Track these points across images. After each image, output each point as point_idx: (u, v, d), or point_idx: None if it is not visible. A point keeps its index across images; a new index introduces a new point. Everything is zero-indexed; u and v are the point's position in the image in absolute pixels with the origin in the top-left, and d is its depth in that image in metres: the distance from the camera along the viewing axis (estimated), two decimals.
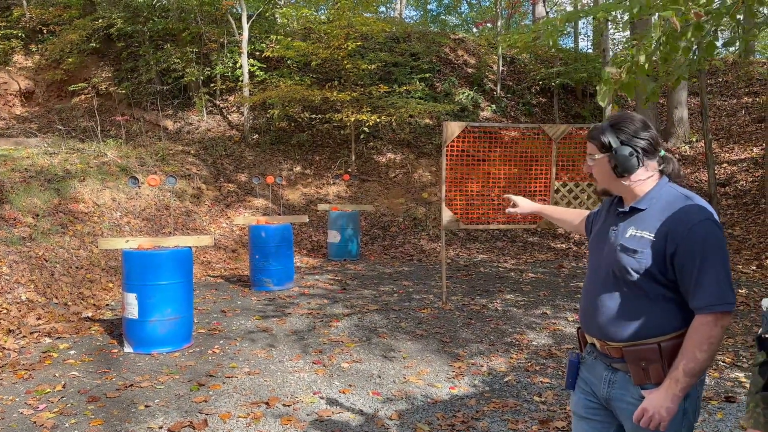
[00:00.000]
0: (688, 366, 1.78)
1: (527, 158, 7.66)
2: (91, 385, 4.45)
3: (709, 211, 1.83)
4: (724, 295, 1.77)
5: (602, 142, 1.96)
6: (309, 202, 12.57)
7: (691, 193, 1.91)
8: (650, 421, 1.82)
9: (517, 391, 4.38)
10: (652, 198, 1.92)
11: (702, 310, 1.78)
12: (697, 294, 1.79)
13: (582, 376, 2.08)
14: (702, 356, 1.77)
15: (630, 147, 1.92)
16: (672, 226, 1.82)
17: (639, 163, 1.93)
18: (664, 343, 1.84)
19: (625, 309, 1.89)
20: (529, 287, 8.05)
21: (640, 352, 1.86)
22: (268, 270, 7.81)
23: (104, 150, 11.36)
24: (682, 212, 1.82)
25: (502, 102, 16.33)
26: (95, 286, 7.35)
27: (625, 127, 1.94)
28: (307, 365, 4.92)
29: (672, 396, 1.80)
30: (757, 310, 6.47)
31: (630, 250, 1.87)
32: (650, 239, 1.84)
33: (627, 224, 1.94)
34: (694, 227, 1.79)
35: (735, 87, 16.31)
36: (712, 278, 1.76)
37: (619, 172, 1.95)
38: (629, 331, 1.88)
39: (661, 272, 1.84)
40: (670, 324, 1.85)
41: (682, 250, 1.79)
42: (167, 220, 9.94)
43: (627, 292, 1.90)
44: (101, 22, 14.14)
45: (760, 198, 11.07)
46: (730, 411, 3.96)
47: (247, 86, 13.85)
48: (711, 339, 1.76)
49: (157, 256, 5.25)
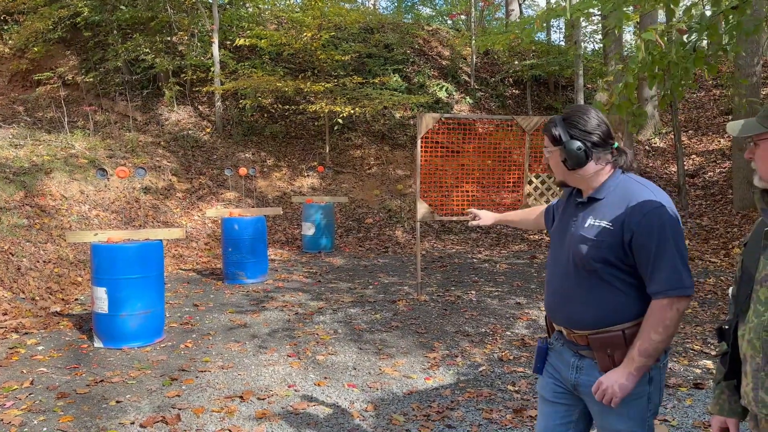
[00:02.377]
0: (642, 346, 1.81)
1: (501, 150, 7.69)
2: (60, 381, 4.35)
3: (664, 198, 1.87)
4: (679, 280, 1.80)
5: (554, 135, 1.98)
6: (283, 195, 12.47)
7: (646, 182, 1.94)
8: (604, 395, 1.86)
9: (491, 380, 4.40)
10: (609, 187, 1.94)
11: (657, 294, 1.82)
12: (653, 279, 1.82)
13: (550, 361, 2.11)
14: (656, 338, 1.80)
15: (579, 141, 1.94)
16: (628, 214, 1.84)
17: (588, 157, 1.95)
18: (628, 330, 1.87)
19: (588, 298, 1.92)
20: (503, 278, 8.11)
21: (605, 339, 1.89)
22: (241, 263, 7.73)
23: (71, 141, 11.12)
24: (637, 200, 1.85)
25: (476, 94, 16.38)
26: (63, 280, 7.20)
27: (576, 121, 1.95)
28: (282, 358, 4.88)
29: (627, 374, 1.83)
30: (725, 299, 6.61)
31: (589, 240, 1.90)
32: (608, 228, 1.87)
33: (586, 214, 1.97)
34: (649, 214, 1.82)
35: (703, 80, 16.59)
36: (667, 264, 1.80)
37: (569, 165, 1.97)
38: (594, 319, 1.91)
39: (621, 260, 1.87)
40: (632, 311, 1.88)
41: (638, 237, 1.82)
42: (137, 212, 9.77)
43: (589, 281, 1.92)
44: (67, 11, 13.78)
45: (728, 189, 11.30)
46: (699, 397, 4.04)
47: (218, 76, 13.65)
48: (665, 322, 1.79)
49: (127, 250, 5.15)
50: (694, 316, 6.06)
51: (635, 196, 1.86)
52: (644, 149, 14.12)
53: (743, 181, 10.19)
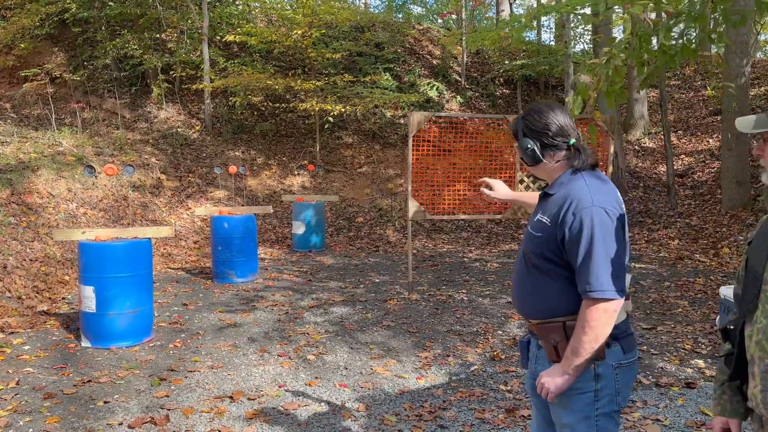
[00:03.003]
0: (573, 345, 1.84)
1: (492, 149, 7.68)
2: (46, 382, 4.29)
3: (602, 198, 1.85)
4: (599, 284, 1.79)
5: (515, 131, 2.04)
6: (273, 193, 12.41)
7: (593, 180, 1.92)
8: (542, 389, 1.91)
9: (483, 380, 4.38)
10: (561, 184, 1.96)
11: (583, 294, 1.83)
12: (579, 279, 1.84)
13: (530, 355, 2.15)
14: (584, 338, 1.81)
15: (530, 140, 1.98)
16: (563, 212, 1.86)
17: (538, 156, 1.98)
18: (569, 323, 1.89)
19: (534, 289, 1.97)
20: (494, 277, 8.10)
21: (548, 330, 1.93)
22: (231, 262, 7.67)
23: (59, 139, 11.00)
24: (572, 199, 1.86)
25: (466, 93, 16.38)
26: (50, 279, 7.11)
27: (530, 120, 1.99)
28: (273, 358, 4.84)
29: (561, 372, 1.86)
30: (714, 298, 6.64)
31: (533, 235, 1.95)
32: (547, 224, 1.91)
33: (539, 208, 2.01)
34: (579, 214, 1.82)
35: (692, 80, 16.69)
36: (592, 265, 1.80)
37: (525, 162, 2.03)
38: (538, 310, 1.96)
39: (557, 255, 1.89)
40: (572, 306, 1.89)
41: (568, 236, 1.84)
42: (125, 211, 9.68)
43: (534, 273, 1.96)
44: (55, 7, 13.62)
45: (716, 189, 11.37)
46: (691, 397, 4.04)
47: (208, 74, 13.55)
48: (591, 323, 1.79)
49: (116, 248, 5.09)
50: (684, 315, 6.07)
51: (573, 195, 1.87)
52: (634, 149, 14.18)
53: (732, 181, 10.24)
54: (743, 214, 9.96)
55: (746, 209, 10.06)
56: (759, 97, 13.80)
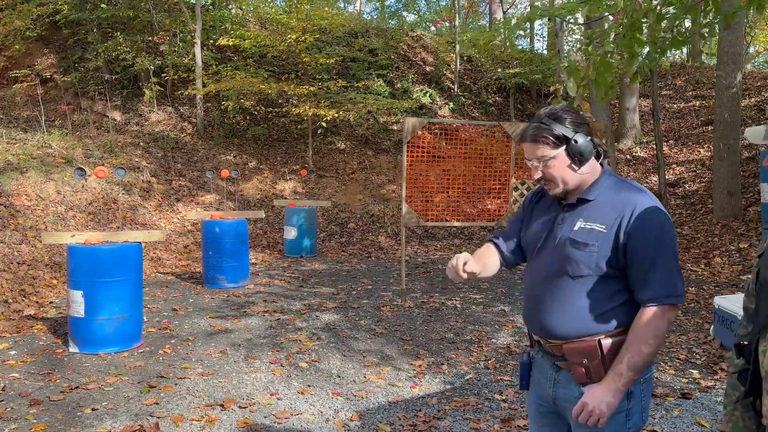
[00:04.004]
0: (632, 360, 1.72)
1: (485, 156, 7.66)
2: (33, 388, 4.19)
3: (658, 202, 1.81)
4: (674, 288, 1.73)
5: (556, 137, 1.83)
6: (264, 198, 12.33)
7: (637, 184, 1.87)
8: (590, 416, 1.75)
9: (478, 389, 4.34)
10: (600, 188, 1.85)
11: (650, 302, 1.74)
12: (647, 286, 1.74)
13: (533, 375, 2.03)
14: (647, 350, 1.72)
15: (582, 133, 1.84)
16: (624, 217, 1.77)
17: (594, 146, 1.86)
18: (605, 340, 1.78)
19: (567, 305, 1.83)
20: (487, 285, 8.06)
21: (580, 350, 1.81)
22: (222, 267, 7.58)
23: (48, 140, 10.87)
24: (633, 202, 1.78)
25: (459, 100, 16.40)
26: (38, 282, 7.00)
27: (568, 116, 1.85)
28: (264, 365, 4.77)
29: (614, 390, 1.74)
30: (708, 308, 6.63)
31: (581, 244, 1.80)
32: (602, 231, 1.78)
33: (574, 217, 1.86)
34: (647, 217, 1.75)
35: (684, 91, 16.80)
36: (663, 270, 1.73)
37: (582, 160, 1.84)
38: (570, 328, 1.82)
39: (612, 265, 1.78)
40: (612, 320, 1.80)
41: (635, 241, 1.75)
42: (115, 214, 9.57)
43: (571, 287, 1.82)
44: (47, 8, 13.51)
45: (708, 198, 11.41)
46: (687, 407, 4.01)
47: (200, 77, 13.47)
48: (657, 332, 1.72)
49: (105, 252, 5.01)
50: (678, 325, 6.06)
51: (631, 198, 1.79)
52: (625, 158, 14.23)
53: (723, 191, 10.28)
54: (735, 224, 9.99)
55: (738, 219, 10.10)
56: (750, 107, 13.89)
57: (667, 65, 17.48)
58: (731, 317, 4.97)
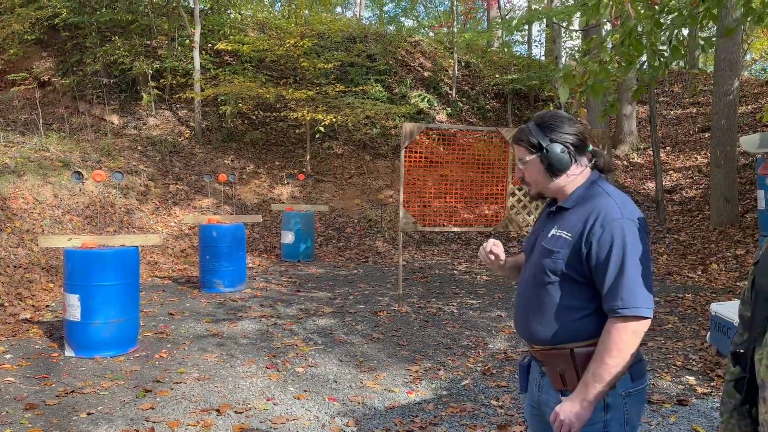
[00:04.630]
0: (597, 371, 1.70)
1: (483, 162, 7.67)
2: (28, 392, 4.18)
3: (630, 211, 1.76)
4: (634, 300, 1.69)
5: (531, 143, 1.88)
6: (262, 202, 12.33)
7: (616, 192, 1.83)
8: (561, 426, 1.75)
9: (474, 395, 4.33)
10: (578, 196, 1.85)
11: (613, 313, 1.71)
12: (608, 296, 1.72)
13: (530, 379, 2.04)
14: (611, 362, 1.69)
15: (560, 144, 1.85)
16: (589, 225, 1.75)
17: (572, 159, 1.86)
18: (578, 350, 1.78)
19: (543, 312, 1.84)
20: (484, 290, 8.06)
21: (554, 357, 1.82)
22: (219, 271, 7.57)
23: (46, 144, 10.87)
24: (599, 211, 1.75)
25: (457, 105, 16.43)
26: (34, 286, 6.98)
27: (553, 124, 1.86)
28: (260, 370, 4.76)
29: (581, 401, 1.72)
30: (704, 314, 6.64)
31: (548, 251, 1.82)
32: (567, 239, 1.78)
33: (552, 224, 1.88)
34: (610, 226, 1.72)
35: (681, 97, 16.86)
36: (625, 280, 1.69)
37: (553, 170, 1.87)
38: (546, 335, 1.83)
39: (579, 273, 1.77)
40: (585, 330, 1.79)
41: (597, 250, 1.73)
42: (112, 218, 9.56)
43: (545, 295, 1.83)
44: (45, 11, 13.51)
45: (705, 205, 11.44)
46: (683, 414, 4.01)
47: (199, 81, 13.48)
48: (620, 345, 1.68)
49: (102, 256, 5.00)
50: (675, 331, 6.06)
51: (598, 207, 1.77)
52: (623, 165, 14.26)
53: (720, 198, 10.31)
54: (731, 230, 10.02)
55: (734, 226, 10.12)
56: (746, 114, 13.94)
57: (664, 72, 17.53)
58: (728, 324, 4.98)
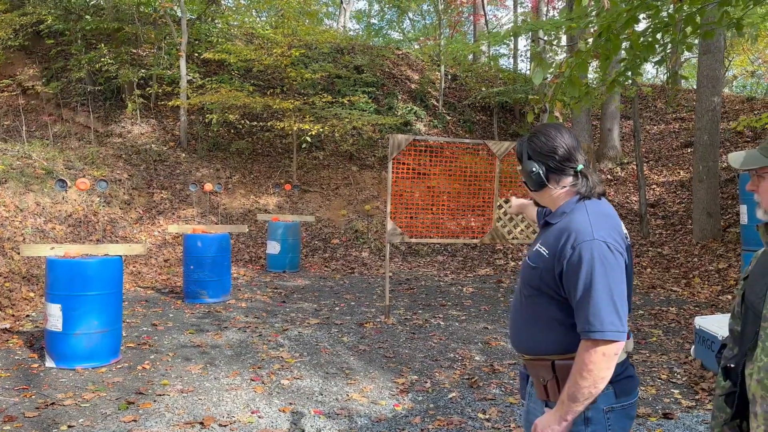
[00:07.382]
0: (570, 389, 1.70)
1: (469, 174, 7.69)
2: (7, 404, 4.09)
3: (603, 232, 1.73)
4: (600, 323, 1.66)
5: (519, 153, 1.95)
6: (248, 212, 12.26)
7: (595, 209, 1.80)
8: None
9: (461, 407, 4.31)
10: (562, 213, 1.84)
11: (583, 334, 1.69)
12: (578, 317, 1.71)
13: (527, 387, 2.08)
14: (583, 383, 1.67)
15: (534, 163, 1.87)
16: (561, 245, 1.74)
17: (543, 180, 1.87)
18: (558, 362, 1.79)
19: (527, 323, 1.87)
20: (470, 302, 8.06)
21: (538, 367, 1.84)
22: (203, 281, 7.50)
23: (29, 151, 10.73)
24: (572, 231, 1.74)
25: (444, 118, 16.51)
26: (14, 295, 6.86)
27: (536, 141, 1.88)
28: (245, 382, 4.70)
29: (558, 418, 1.74)
30: (688, 327, 6.68)
31: (530, 266, 1.84)
32: (546, 256, 1.79)
33: (540, 238, 1.91)
34: (579, 247, 1.70)
35: (664, 113, 17.08)
36: (592, 302, 1.67)
37: (528, 186, 1.92)
38: (529, 345, 1.87)
39: (554, 290, 1.78)
40: (566, 343, 1.78)
41: (567, 270, 1.72)
42: (95, 227, 9.45)
43: (529, 306, 1.86)
44: (30, 18, 13.40)
45: (687, 219, 11.56)
46: (668, 428, 4.02)
47: (185, 90, 13.42)
48: (590, 366, 1.66)
49: (85, 265, 4.93)
50: (659, 345, 6.09)
51: (572, 226, 1.75)
52: (606, 178, 14.39)
53: (703, 212, 10.43)
54: (714, 244, 10.12)
55: (717, 240, 10.23)
56: (728, 130, 14.16)
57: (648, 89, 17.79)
58: (712, 337, 5.01)
